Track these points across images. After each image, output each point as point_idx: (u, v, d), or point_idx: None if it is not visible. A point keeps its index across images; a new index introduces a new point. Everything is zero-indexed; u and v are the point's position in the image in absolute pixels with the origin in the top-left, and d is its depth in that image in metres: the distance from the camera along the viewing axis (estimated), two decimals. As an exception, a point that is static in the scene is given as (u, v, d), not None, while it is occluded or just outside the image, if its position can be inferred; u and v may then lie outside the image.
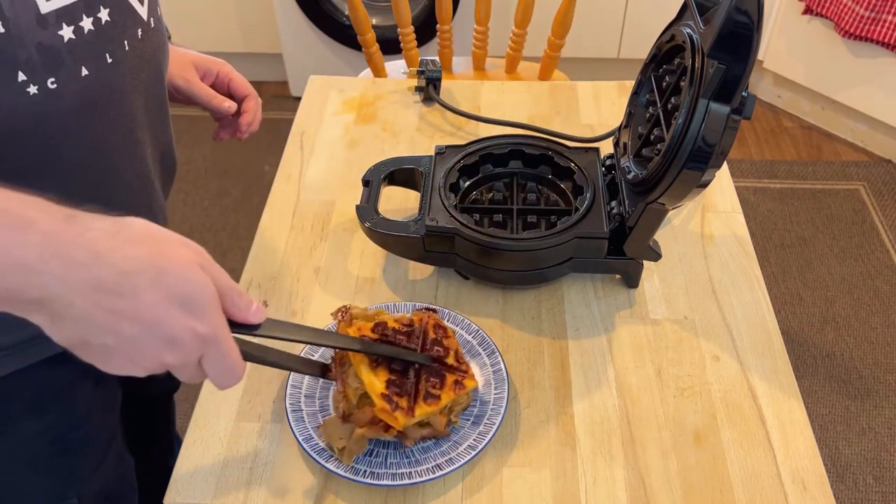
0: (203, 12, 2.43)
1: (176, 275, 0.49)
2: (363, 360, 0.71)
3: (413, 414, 0.68)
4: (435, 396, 0.70)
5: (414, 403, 0.69)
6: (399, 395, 0.69)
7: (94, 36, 0.63)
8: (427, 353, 0.73)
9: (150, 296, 0.48)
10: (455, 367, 0.73)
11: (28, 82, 0.59)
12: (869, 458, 1.59)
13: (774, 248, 2.03)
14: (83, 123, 0.65)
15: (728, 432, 0.74)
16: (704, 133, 0.69)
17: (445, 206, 0.85)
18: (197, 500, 0.70)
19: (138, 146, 0.74)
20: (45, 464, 0.80)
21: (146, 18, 0.70)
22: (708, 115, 0.69)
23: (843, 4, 2.09)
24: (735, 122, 0.69)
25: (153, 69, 0.73)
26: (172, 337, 0.49)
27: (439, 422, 0.71)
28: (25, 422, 0.76)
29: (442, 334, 0.75)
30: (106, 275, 0.47)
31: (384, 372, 0.71)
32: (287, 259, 0.92)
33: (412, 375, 0.71)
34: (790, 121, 2.49)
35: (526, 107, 1.16)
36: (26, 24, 0.57)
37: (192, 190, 2.20)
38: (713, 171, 0.72)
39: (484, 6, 1.55)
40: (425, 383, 0.71)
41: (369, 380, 0.70)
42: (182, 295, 0.49)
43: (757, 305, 0.86)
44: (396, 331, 0.74)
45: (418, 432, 0.71)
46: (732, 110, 0.69)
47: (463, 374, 0.73)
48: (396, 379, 0.70)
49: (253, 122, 0.94)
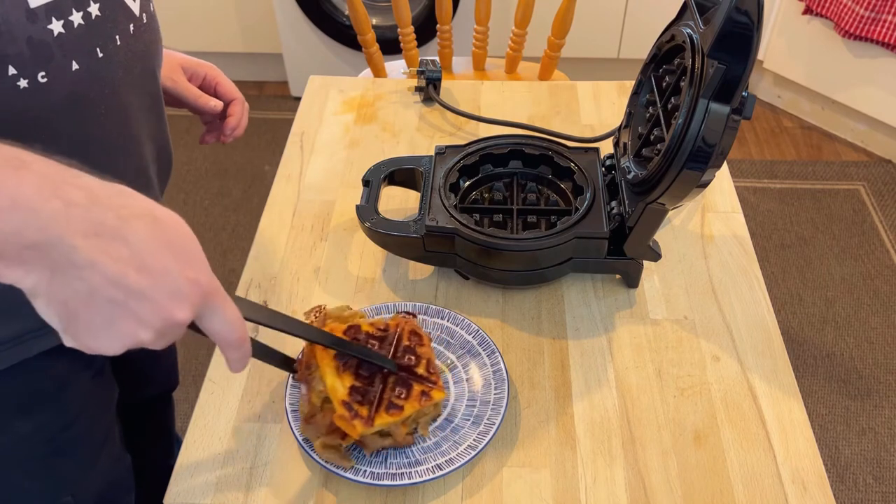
0: (203, 12, 2.43)
1: (169, 224, 0.48)
2: (329, 363, 0.70)
3: (372, 423, 0.67)
4: (398, 407, 0.69)
5: (375, 413, 0.68)
6: (360, 403, 0.68)
7: (85, 30, 0.63)
8: (397, 361, 0.72)
9: (151, 244, 0.46)
10: (424, 377, 0.72)
11: (18, 76, 0.59)
12: (869, 458, 1.59)
13: (774, 248, 2.03)
14: (75, 118, 0.65)
15: (728, 432, 0.74)
16: (704, 133, 0.69)
17: (445, 206, 0.85)
18: (197, 500, 0.70)
19: (133, 142, 0.74)
20: (38, 464, 0.80)
21: (138, 14, 0.70)
22: (708, 115, 0.69)
23: (843, 4, 2.09)
24: (735, 122, 0.69)
25: (146, 65, 0.73)
26: (178, 289, 0.47)
27: (400, 432, 0.70)
28: (17, 422, 0.76)
29: (416, 342, 0.74)
30: (106, 218, 0.45)
31: (350, 377, 0.69)
32: (287, 259, 0.92)
33: (378, 383, 0.70)
34: (790, 121, 2.49)
35: (526, 107, 1.16)
36: (16, 18, 0.57)
37: (192, 190, 2.20)
38: (713, 171, 0.72)
39: (484, 6, 1.55)
40: (390, 392, 0.70)
41: (332, 384, 0.69)
42: (178, 245, 0.47)
43: (757, 305, 0.86)
44: (369, 335, 0.73)
45: (378, 442, 0.70)
46: (732, 110, 0.69)
47: (431, 385, 0.71)
48: (361, 386, 0.69)
49: (238, 127, 0.94)
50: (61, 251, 0.43)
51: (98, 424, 0.85)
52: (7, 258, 0.43)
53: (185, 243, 0.48)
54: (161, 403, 1.15)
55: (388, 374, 0.71)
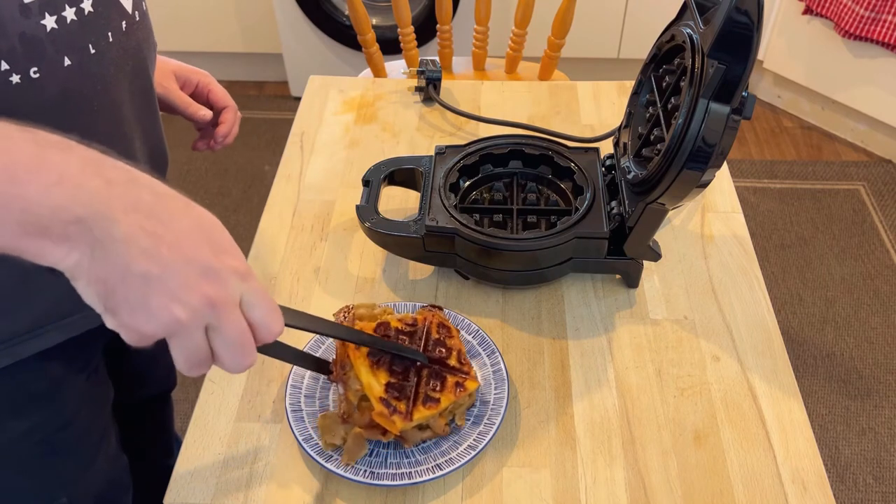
0: (203, 12, 2.43)
1: (201, 212, 0.49)
2: (364, 362, 0.71)
3: (411, 418, 0.68)
4: (434, 400, 0.70)
5: (413, 407, 0.69)
6: (398, 399, 0.69)
7: (77, 26, 0.63)
8: (428, 355, 0.73)
9: (186, 222, 0.48)
10: (457, 368, 0.73)
11: (10, 71, 0.59)
12: (869, 458, 1.59)
13: (774, 248, 2.03)
14: (67, 114, 0.65)
15: (728, 432, 0.74)
16: (704, 133, 0.69)
17: (445, 206, 0.85)
18: (197, 500, 0.70)
19: (126, 140, 0.74)
20: (33, 464, 0.80)
21: (131, 11, 0.70)
22: (708, 115, 0.69)
23: (843, 4, 2.09)
24: (735, 122, 0.69)
25: (138, 62, 0.73)
26: (210, 266, 0.47)
27: (439, 424, 0.71)
28: (11, 422, 0.76)
29: (445, 334, 0.75)
30: (144, 195, 0.47)
31: (384, 374, 0.70)
32: (287, 259, 0.92)
33: (412, 378, 0.71)
34: (790, 121, 2.49)
35: (526, 107, 1.16)
36: (9, 13, 0.58)
37: (192, 190, 2.20)
38: (713, 171, 0.72)
39: (484, 6, 1.55)
40: (425, 386, 0.71)
41: (368, 382, 0.70)
42: (209, 231, 0.49)
43: (757, 305, 0.86)
44: (399, 331, 0.74)
45: (418, 435, 0.71)
46: (732, 110, 0.69)
47: (465, 376, 0.72)
48: (396, 382, 0.70)
49: (228, 135, 0.94)
50: (103, 226, 0.45)
51: (94, 425, 0.85)
52: (53, 235, 0.45)
53: (216, 231, 0.50)
54: (160, 403, 1.14)
55: (422, 367, 0.72)
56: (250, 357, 0.51)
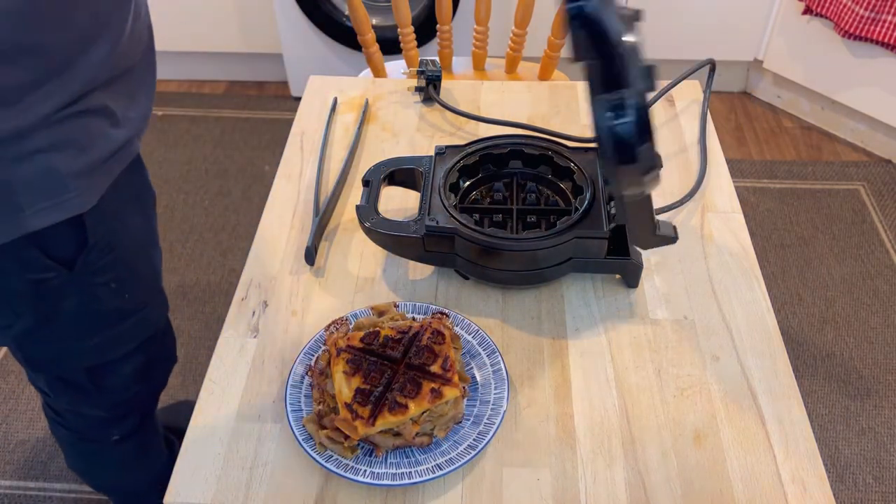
0: (203, 12, 2.43)
1: None
2: (342, 367, 0.71)
3: (373, 424, 0.68)
4: (402, 406, 0.69)
5: (378, 412, 0.69)
6: (363, 405, 0.69)
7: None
8: (407, 362, 0.73)
9: None
10: (438, 375, 0.72)
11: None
12: (869, 458, 1.59)
13: (774, 248, 2.03)
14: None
15: (728, 432, 0.74)
16: (600, 130, 0.67)
17: (445, 206, 0.85)
18: (197, 500, 0.70)
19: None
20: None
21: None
22: (596, 112, 0.67)
23: (842, 4, 2.09)
24: (621, 115, 0.66)
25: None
26: None
27: (409, 431, 0.70)
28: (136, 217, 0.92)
29: (436, 340, 0.74)
30: None
31: (359, 380, 0.71)
32: (287, 259, 0.92)
33: (383, 384, 0.71)
34: (790, 121, 2.48)
35: (526, 107, 1.16)
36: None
37: (192, 190, 2.20)
38: (649, 158, 0.68)
39: (484, 6, 1.55)
40: (396, 392, 0.70)
41: (339, 387, 0.70)
42: None
43: (757, 305, 0.86)
44: (389, 338, 0.74)
45: (390, 441, 0.70)
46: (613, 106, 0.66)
47: (444, 383, 0.71)
48: (368, 388, 0.70)
49: None
50: None
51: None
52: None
53: None
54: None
55: (397, 374, 0.71)
56: None
